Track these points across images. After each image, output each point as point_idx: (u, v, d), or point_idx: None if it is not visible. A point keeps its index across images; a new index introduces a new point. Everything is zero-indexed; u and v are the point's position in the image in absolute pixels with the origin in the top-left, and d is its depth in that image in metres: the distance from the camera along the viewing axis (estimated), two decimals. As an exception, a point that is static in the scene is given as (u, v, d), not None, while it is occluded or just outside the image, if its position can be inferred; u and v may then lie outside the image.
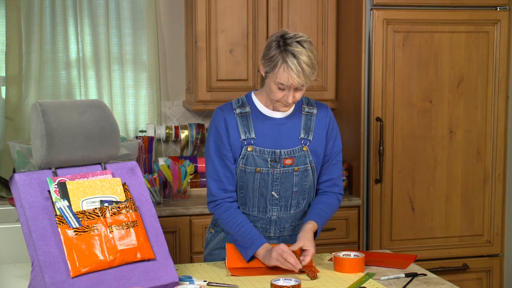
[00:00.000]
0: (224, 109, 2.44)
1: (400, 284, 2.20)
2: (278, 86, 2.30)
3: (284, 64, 2.26)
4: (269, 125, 2.43)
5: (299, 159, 2.43)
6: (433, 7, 3.53)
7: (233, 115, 2.42)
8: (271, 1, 3.66)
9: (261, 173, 2.40)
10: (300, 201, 2.48)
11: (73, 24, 3.77)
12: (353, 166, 3.66)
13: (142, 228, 2.07)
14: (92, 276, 1.94)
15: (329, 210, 2.48)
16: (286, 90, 2.31)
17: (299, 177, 2.44)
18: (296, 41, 2.28)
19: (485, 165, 3.66)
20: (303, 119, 2.46)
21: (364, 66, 3.51)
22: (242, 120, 2.42)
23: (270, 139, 2.41)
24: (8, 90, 3.69)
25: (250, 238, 2.33)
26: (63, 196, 2.00)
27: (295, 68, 2.24)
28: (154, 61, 3.86)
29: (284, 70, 2.26)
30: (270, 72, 2.31)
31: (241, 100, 2.46)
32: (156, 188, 3.47)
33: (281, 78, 2.27)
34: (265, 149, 2.40)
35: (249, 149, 2.39)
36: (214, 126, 2.43)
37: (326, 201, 2.49)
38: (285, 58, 2.26)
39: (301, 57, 2.25)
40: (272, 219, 2.46)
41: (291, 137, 2.43)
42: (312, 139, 2.46)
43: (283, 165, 2.41)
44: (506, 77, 3.63)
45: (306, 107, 2.48)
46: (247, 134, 2.41)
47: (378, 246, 3.56)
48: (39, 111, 2.01)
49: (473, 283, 3.71)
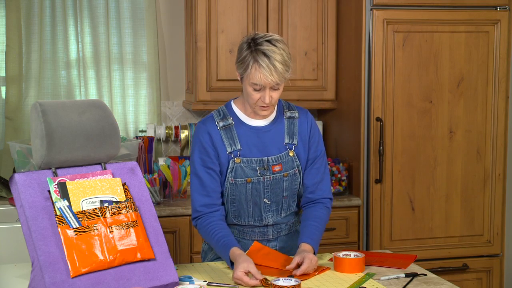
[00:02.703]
0: (207, 123, 2.41)
1: (400, 284, 2.20)
2: (253, 87, 2.28)
3: (255, 64, 2.24)
4: (253, 134, 2.40)
5: (287, 164, 2.42)
6: (433, 7, 3.53)
7: (216, 129, 2.39)
8: (271, 1, 3.66)
9: (252, 183, 2.39)
10: (291, 204, 2.48)
11: (73, 24, 3.77)
12: (353, 166, 3.66)
13: (142, 228, 2.07)
14: (92, 276, 1.94)
15: (320, 224, 2.43)
16: (261, 91, 2.28)
17: (289, 182, 2.43)
18: (266, 40, 2.27)
19: (485, 165, 3.66)
20: (286, 124, 2.45)
21: (364, 66, 3.51)
22: (226, 133, 2.39)
23: (256, 148, 2.39)
24: (8, 90, 3.69)
25: (222, 244, 2.31)
26: (63, 196, 2.00)
27: (267, 66, 2.23)
28: (154, 61, 3.86)
29: (256, 70, 2.24)
30: (244, 74, 2.29)
31: (222, 112, 2.43)
32: (156, 188, 3.47)
33: (254, 78, 2.26)
34: (253, 158, 2.38)
35: (237, 161, 2.37)
36: (198, 140, 2.40)
37: (316, 215, 2.44)
38: (255, 58, 2.25)
39: (272, 55, 2.24)
40: (269, 224, 2.46)
41: (276, 143, 2.42)
42: (297, 143, 2.44)
43: (272, 172, 2.39)
44: (506, 77, 3.63)
45: (287, 112, 2.46)
46: (232, 146, 2.38)
47: (378, 246, 3.56)
48: (39, 111, 2.01)
49: (473, 283, 3.71)
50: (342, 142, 3.82)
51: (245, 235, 2.47)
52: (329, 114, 3.97)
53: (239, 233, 2.47)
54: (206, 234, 2.38)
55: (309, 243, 2.34)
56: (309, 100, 3.73)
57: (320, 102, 3.78)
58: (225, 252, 2.28)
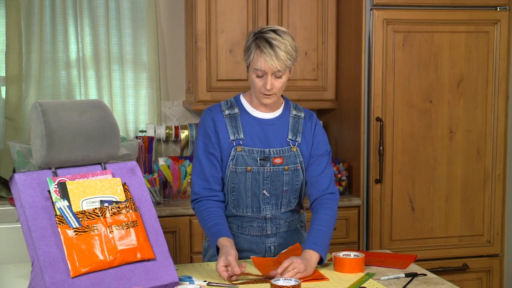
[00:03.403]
0: (213, 110, 2.47)
1: (400, 284, 2.20)
2: (256, 74, 2.35)
3: (257, 50, 2.32)
4: (257, 125, 2.45)
5: (289, 159, 2.44)
6: (433, 7, 3.53)
7: (222, 116, 2.45)
8: (271, 1, 3.66)
9: (252, 172, 2.41)
10: (291, 200, 2.49)
11: (73, 24, 3.77)
12: (353, 166, 3.66)
13: (142, 228, 2.07)
14: (92, 276, 1.94)
15: (324, 226, 2.40)
16: (264, 78, 2.34)
17: (290, 177, 2.45)
18: (271, 30, 2.35)
19: (485, 165, 3.66)
20: (291, 121, 2.49)
21: (364, 66, 3.51)
22: (230, 121, 2.44)
23: (258, 139, 2.43)
24: (8, 90, 3.68)
25: (213, 232, 2.34)
26: (63, 196, 2.00)
27: (267, 52, 2.29)
28: (154, 61, 3.86)
29: (258, 56, 2.32)
30: (248, 61, 2.37)
31: (230, 102, 2.49)
32: (156, 188, 3.47)
33: (256, 64, 2.33)
34: (254, 148, 2.42)
35: (238, 150, 2.41)
36: (203, 126, 2.46)
37: (320, 217, 2.42)
38: (258, 44, 2.32)
39: (274, 42, 2.30)
40: (267, 217, 2.47)
41: (278, 138, 2.45)
42: (300, 140, 2.47)
43: (272, 164, 2.42)
44: (506, 77, 3.63)
45: (294, 111, 2.51)
46: (236, 135, 2.43)
47: (378, 246, 3.56)
48: (39, 111, 2.01)
49: (473, 283, 3.71)
50: (342, 142, 3.82)
51: (244, 229, 2.48)
52: (329, 114, 3.98)
53: (238, 228, 2.49)
54: (201, 219, 2.43)
55: (311, 248, 2.31)
56: (309, 100, 3.73)
57: (320, 102, 3.78)
58: (214, 241, 2.33)
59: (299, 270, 2.20)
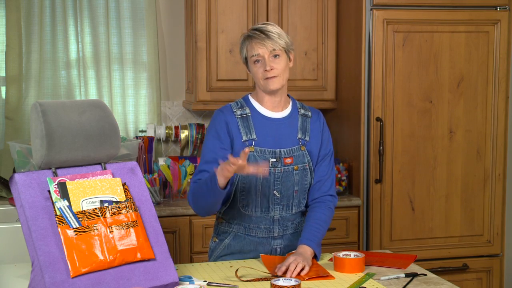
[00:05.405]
0: (225, 111, 2.47)
1: (400, 284, 2.20)
2: (253, 61, 2.39)
3: (249, 39, 2.41)
4: (269, 125, 2.45)
5: (298, 158, 2.45)
6: (433, 7, 3.53)
7: (234, 117, 2.45)
8: (271, 1, 3.66)
9: None
10: (301, 201, 2.50)
11: (73, 24, 3.77)
12: (353, 166, 3.66)
13: (142, 228, 2.07)
14: (92, 276, 1.94)
15: (320, 225, 2.44)
16: (262, 62, 2.38)
17: (299, 176, 2.46)
18: (261, 23, 2.44)
19: (485, 165, 3.66)
20: (300, 120, 2.50)
21: (364, 66, 3.51)
22: (242, 122, 2.44)
23: (271, 139, 2.44)
24: (8, 90, 3.69)
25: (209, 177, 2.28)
26: (63, 196, 2.00)
27: (258, 36, 2.37)
28: (154, 61, 3.86)
29: (250, 42, 2.39)
30: (244, 56, 2.43)
31: (240, 103, 2.50)
32: (156, 188, 3.47)
33: (250, 51, 2.39)
34: (266, 149, 2.42)
35: (251, 150, 2.41)
36: (214, 127, 2.45)
37: (317, 217, 2.45)
38: (249, 35, 2.41)
39: (262, 28, 2.39)
40: (275, 218, 2.47)
41: (289, 137, 2.46)
42: (309, 139, 2.49)
43: (283, 164, 2.43)
44: (506, 77, 3.64)
45: (302, 110, 2.53)
46: (248, 135, 2.43)
47: (378, 246, 3.56)
48: (39, 111, 2.01)
49: (473, 283, 3.71)
50: (342, 142, 3.82)
51: (251, 231, 2.48)
52: (329, 114, 3.97)
53: (245, 229, 2.49)
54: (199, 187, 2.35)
55: (306, 243, 2.36)
56: (309, 100, 3.73)
57: (320, 102, 3.78)
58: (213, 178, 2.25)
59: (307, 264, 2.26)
